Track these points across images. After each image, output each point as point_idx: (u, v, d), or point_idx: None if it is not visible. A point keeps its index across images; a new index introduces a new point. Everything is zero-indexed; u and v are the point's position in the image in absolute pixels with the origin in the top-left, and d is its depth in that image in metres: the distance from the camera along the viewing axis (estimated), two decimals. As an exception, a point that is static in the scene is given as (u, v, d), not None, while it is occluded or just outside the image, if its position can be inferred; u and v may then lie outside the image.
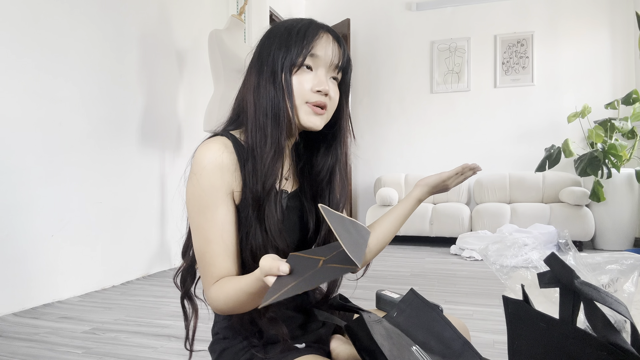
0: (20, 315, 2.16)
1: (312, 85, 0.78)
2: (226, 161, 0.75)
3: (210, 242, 0.75)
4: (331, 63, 0.80)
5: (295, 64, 0.77)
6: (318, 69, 0.79)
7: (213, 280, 0.75)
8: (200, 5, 3.76)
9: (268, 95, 0.77)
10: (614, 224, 4.10)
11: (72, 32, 2.57)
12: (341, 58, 0.81)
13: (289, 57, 0.77)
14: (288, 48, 0.77)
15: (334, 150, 0.87)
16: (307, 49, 0.77)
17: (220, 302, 0.73)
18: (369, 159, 5.40)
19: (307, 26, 0.79)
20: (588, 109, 4.31)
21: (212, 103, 3.20)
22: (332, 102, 0.81)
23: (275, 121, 0.77)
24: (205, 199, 0.75)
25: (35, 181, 2.34)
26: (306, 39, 0.77)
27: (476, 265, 3.44)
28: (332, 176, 0.87)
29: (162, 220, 3.29)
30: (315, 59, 0.78)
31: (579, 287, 0.58)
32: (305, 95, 0.78)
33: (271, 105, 0.77)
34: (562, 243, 0.82)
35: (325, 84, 0.79)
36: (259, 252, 0.75)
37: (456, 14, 5.17)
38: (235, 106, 0.85)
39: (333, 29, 0.83)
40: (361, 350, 0.66)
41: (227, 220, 0.76)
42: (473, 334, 1.75)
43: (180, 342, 1.76)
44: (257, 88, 0.79)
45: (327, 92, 0.79)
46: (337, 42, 0.81)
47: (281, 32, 0.80)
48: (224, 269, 0.75)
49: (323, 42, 0.79)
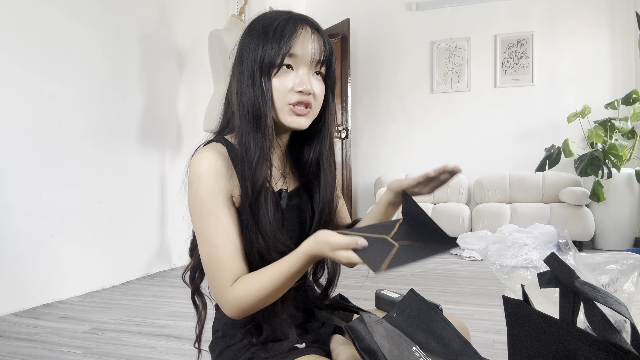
0: (20, 315, 2.16)
1: (293, 85, 0.76)
2: (220, 168, 0.75)
3: (217, 247, 0.74)
4: (312, 59, 0.77)
5: (274, 66, 0.75)
6: (299, 68, 0.77)
7: (229, 283, 0.74)
8: (200, 5, 3.76)
9: (249, 98, 0.76)
10: (614, 224, 4.10)
11: (73, 32, 2.57)
12: (322, 52, 0.78)
13: (267, 59, 0.75)
14: (265, 49, 0.75)
15: (318, 143, 0.85)
16: (285, 48, 0.75)
17: (251, 297, 0.72)
18: (368, 159, 5.40)
19: (284, 23, 0.76)
20: (588, 109, 4.31)
21: (212, 103, 3.21)
22: (317, 99, 0.80)
23: (256, 125, 0.76)
24: (206, 206, 0.75)
25: (35, 181, 2.34)
26: (283, 38, 0.75)
27: (476, 265, 3.44)
28: (319, 169, 0.86)
29: (162, 221, 3.28)
30: (294, 58, 0.76)
31: (579, 287, 0.58)
32: (286, 97, 0.77)
33: (252, 108, 0.76)
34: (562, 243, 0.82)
35: (307, 83, 0.77)
36: (265, 253, 0.76)
37: (456, 14, 5.17)
38: (225, 109, 0.85)
39: (311, 19, 0.80)
40: (361, 350, 0.66)
41: (230, 222, 0.75)
42: (473, 334, 1.75)
43: (180, 342, 1.76)
44: (239, 91, 0.78)
45: (310, 92, 0.77)
46: (318, 34, 0.79)
47: (258, 30, 0.77)
48: (237, 269, 0.74)
49: (302, 38, 0.76)
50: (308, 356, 0.76)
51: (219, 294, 0.75)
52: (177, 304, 2.35)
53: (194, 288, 0.86)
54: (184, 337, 1.82)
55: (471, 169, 5.00)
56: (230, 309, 0.74)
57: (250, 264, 0.77)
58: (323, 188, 0.85)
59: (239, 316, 0.75)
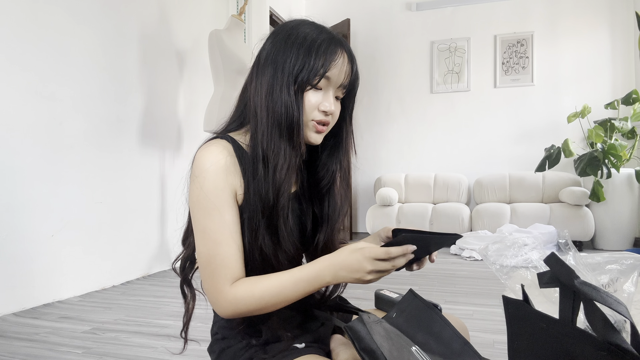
0: (20, 315, 2.16)
1: (319, 104, 0.78)
2: (228, 163, 0.76)
3: (220, 244, 0.74)
4: (340, 84, 0.80)
5: (310, 83, 0.77)
6: (328, 89, 0.79)
7: (229, 282, 0.74)
8: (200, 5, 3.76)
9: (282, 105, 0.76)
10: (613, 224, 4.10)
11: (73, 32, 2.57)
12: (349, 77, 0.81)
13: (305, 74, 0.76)
14: (305, 63, 0.76)
15: (336, 160, 0.87)
16: (324, 70, 0.76)
17: (253, 299, 0.72)
18: (369, 159, 5.40)
19: (327, 43, 0.77)
20: (588, 109, 4.31)
21: (212, 103, 3.21)
22: (333, 118, 0.82)
23: (289, 135, 0.76)
24: (211, 202, 0.74)
25: (35, 181, 2.34)
26: (325, 61, 0.76)
27: (476, 265, 3.44)
28: (332, 184, 0.87)
29: (162, 220, 3.29)
30: (328, 80, 0.78)
31: (578, 287, 0.58)
32: (312, 113, 0.78)
33: (285, 117, 0.76)
34: (562, 243, 0.82)
35: (332, 105, 0.79)
36: (270, 254, 0.76)
37: (456, 14, 5.17)
38: (241, 106, 0.84)
39: (347, 44, 0.82)
40: (361, 350, 0.66)
41: (234, 221, 0.76)
42: (473, 334, 1.75)
43: (180, 342, 1.76)
44: (269, 93, 0.77)
45: (332, 113, 0.80)
46: (351, 62, 0.81)
47: (300, 41, 0.77)
48: (238, 270, 0.75)
49: (339, 64, 0.78)
50: (308, 356, 0.76)
51: (215, 291, 0.74)
52: (177, 304, 2.35)
53: (183, 277, 0.86)
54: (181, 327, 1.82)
55: (471, 169, 5.00)
56: (227, 308, 0.74)
57: (247, 264, 0.78)
58: (334, 200, 0.88)
59: (231, 317, 0.75)
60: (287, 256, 0.77)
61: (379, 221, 4.59)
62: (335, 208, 0.87)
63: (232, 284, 0.74)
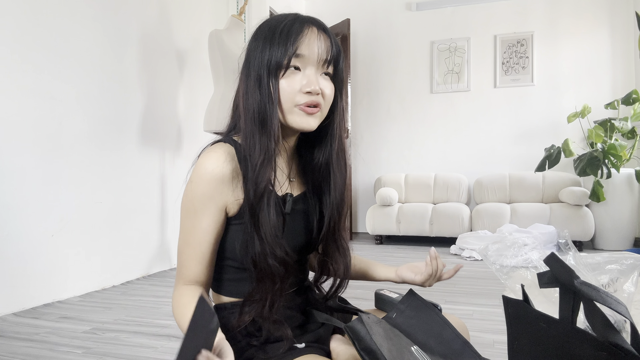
0: (20, 315, 2.16)
1: (301, 86, 0.76)
2: (226, 172, 0.76)
3: (188, 245, 0.79)
4: (319, 59, 0.77)
5: (281, 67, 0.75)
6: (306, 68, 0.77)
7: (181, 281, 0.80)
8: (200, 5, 3.76)
9: (255, 101, 0.76)
10: (613, 224, 4.10)
11: (73, 32, 2.57)
12: (329, 51, 0.78)
13: (274, 60, 0.75)
14: (272, 50, 0.75)
15: (327, 145, 0.85)
16: (292, 49, 0.74)
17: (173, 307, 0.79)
18: (368, 159, 5.40)
19: (290, 24, 0.76)
20: (588, 109, 4.31)
21: (212, 103, 3.20)
22: (326, 99, 0.79)
23: (262, 127, 0.75)
24: (195, 206, 0.77)
25: (35, 181, 2.34)
26: (290, 39, 0.75)
27: (476, 265, 3.44)
28: (328, 172, 0.85)
29: (162, 220, 3.29)
30: (301, 58, 0.76)
31: (578, 287, 0.58)
32: (295, 98, 0.76)
33: (258, 110, 0.76)
34: (562, 243, 0.82)
35: (315, 83, 0.76)
36: (259, 259, 0.75)
37: (456, 14, 5.17)
38: (232, 112, 0.85)
39: (317, 19, 0.80)
40: (361, 350, 0.66)
41: (209, 230, 0.78)
42: (473, 334, 1.75)
43: (180, 342, 1.76)
44: (245, 94, 0.78)
45: (319, 92, 0.77)
46: (325, 34, 0.78)
47: (265, 32, 0.77)
48: (193, 273, 0.79)
49: (308, 39, 0.76)
50: (308, 356, 0.75)
51: (175, 282, 0.82)
52: (177, 304, 2.35)
53: None
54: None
55: (471, 168, 5.00)
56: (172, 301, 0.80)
57: (245, 267, 0.78)
58: (333, 191, 0.85)
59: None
60: (277, 259, 0.75)
61: (379, 221, 4.59)
62: (335, 197, 0.85)
63: (184, 284, 0.79)
